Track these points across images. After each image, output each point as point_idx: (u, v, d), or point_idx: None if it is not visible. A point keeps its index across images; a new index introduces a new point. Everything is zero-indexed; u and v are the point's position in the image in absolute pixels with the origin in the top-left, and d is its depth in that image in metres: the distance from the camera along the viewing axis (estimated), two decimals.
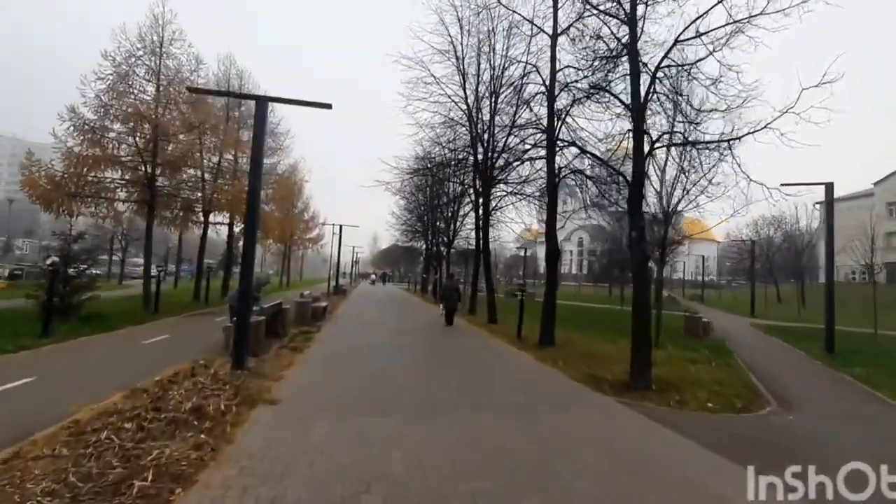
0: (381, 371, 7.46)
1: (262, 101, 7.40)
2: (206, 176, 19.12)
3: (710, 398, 7.20)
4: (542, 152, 12.63)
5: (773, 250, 40.41)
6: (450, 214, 26.20)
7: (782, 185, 9.55)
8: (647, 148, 7.95)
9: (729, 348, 12.97)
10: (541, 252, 72.72)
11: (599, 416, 5.84)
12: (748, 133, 7.41)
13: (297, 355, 8.62)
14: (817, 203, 39.68)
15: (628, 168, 8.81)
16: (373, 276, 75.72)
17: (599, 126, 15.52)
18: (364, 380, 6.86)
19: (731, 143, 7.60)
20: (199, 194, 18.24)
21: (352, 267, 61.50)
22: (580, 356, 9.92)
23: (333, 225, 32.17)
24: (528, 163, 14.40)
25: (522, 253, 50.84)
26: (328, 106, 7.62)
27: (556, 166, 11.75)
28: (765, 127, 7.31)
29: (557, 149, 11.81)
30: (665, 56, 7.87)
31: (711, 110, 7.70)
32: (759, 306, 32.52)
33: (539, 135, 12.50)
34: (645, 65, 7.67)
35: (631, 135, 8.00)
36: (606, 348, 11.39)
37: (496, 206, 17.12)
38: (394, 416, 5.09)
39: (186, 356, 7.69)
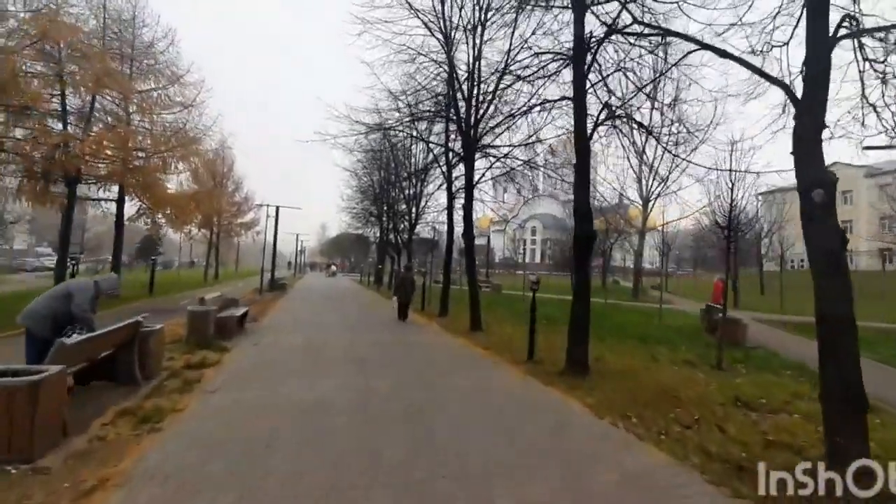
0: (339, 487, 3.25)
1: None
2: (72, 128, 13.66)
3: None
4: (557, 89, 8.76)
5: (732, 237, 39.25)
6: (411, 194, 21.86)
7: (865, 147, 6.44)
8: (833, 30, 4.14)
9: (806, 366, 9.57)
10: (495, 241, 69.78)
11: None
12: None
13: (143, 441, 4.17)
14: (759, 193, 39.01)
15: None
16: (333, 268, 69.57)
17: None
18: None
19: None
20: (57, 152, 12.75)
21: (296, 257, 55.54)
22: (648, 395, 6.16)
23: (268, 206, 26.79)
24: (531, 117, 10.41)
25: (486, 241, 47.63)
26: None
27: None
28: None
29: (591, 86, 7.97)
30: None
31: None
32: (700, 293, 30.84)
33: (559, 64, 8.54)
34: None
35: (804, 11, 4.18)
36: (662, 372, 7.71)
37: (479, 178, 13.01)
38: None
39: None
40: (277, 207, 25.69)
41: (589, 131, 7.94)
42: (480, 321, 12.15)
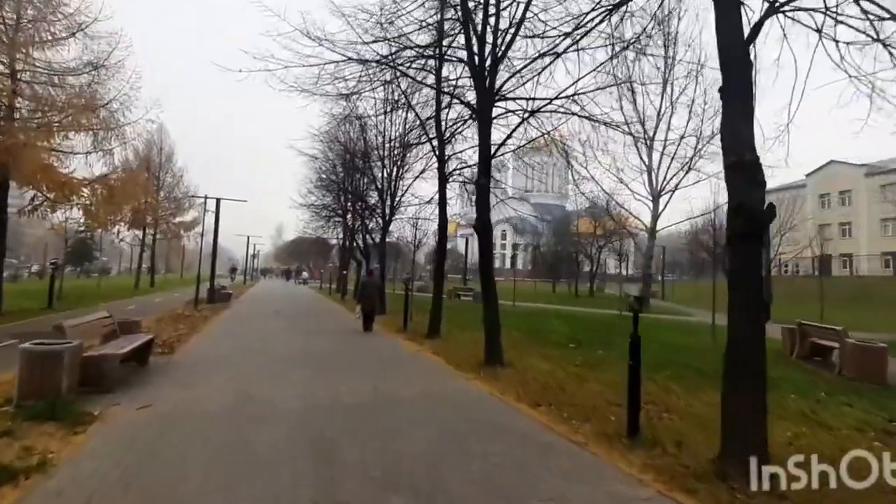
0: None
1: None
2: None
3: None
4: None
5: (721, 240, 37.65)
6: (385, 184, 17.95)
7: None
8: None
9: None
10: (462, 246, 67.05)
11: None
12: None
13: None
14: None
15: None
16: (305, 275, 62.64)
17: None
18: None
19: None
20: None
21: (246, 261, 50.01)
22: None
23: (206, 198, 21.87)
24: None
25: (464, 245, 44.14)
26: None
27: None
28: None
29: None
30: None
31: None
32: (707, 301, 28.65)
33: None
34: None
35: None
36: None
37: (504, 141, 9.28)
38: None
39: None
40: (218, 200, 20.87)
41: (746, 34, 4.51)
42: (501, 350, 8.48)
